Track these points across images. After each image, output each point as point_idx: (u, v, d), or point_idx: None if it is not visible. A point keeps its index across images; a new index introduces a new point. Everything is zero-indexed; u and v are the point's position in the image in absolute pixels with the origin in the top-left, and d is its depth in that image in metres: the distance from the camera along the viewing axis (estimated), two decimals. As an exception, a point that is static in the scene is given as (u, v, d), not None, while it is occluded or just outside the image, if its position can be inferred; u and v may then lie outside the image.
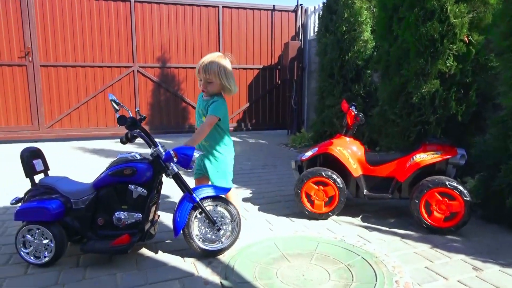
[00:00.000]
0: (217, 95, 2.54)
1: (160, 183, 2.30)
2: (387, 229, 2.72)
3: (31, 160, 2.26)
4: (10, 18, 6.52)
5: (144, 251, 2.35)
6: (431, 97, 3.40)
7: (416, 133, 3.52)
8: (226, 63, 2.53)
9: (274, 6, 8.02)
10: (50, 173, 2.41)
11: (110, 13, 7.04)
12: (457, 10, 3.26)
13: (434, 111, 3.40)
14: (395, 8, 3.61)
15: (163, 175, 2.24)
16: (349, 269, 2.11)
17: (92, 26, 6.97)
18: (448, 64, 3.33)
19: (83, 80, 7.05)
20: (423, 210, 2.61)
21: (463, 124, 3.37)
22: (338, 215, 2.96)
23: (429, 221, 2.61)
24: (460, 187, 2.52)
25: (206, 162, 2.55)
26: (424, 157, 2.69)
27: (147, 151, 2.23)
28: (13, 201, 2.25)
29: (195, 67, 2.64)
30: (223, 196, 2.29)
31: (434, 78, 3.39)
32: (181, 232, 2.19)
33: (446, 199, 2.55)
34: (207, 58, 2.52)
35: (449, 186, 2.53)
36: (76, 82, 7.03)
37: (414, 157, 2.73)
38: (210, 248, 2.25)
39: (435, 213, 2.59)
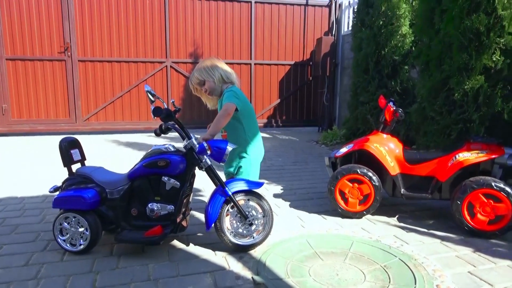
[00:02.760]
0: (225, 90, 2.49)
1: (193, 175, 2.29)
2: (426, 230, 2.59)
3: (69, 150, 2.31)
4: (51, 15, 6.77)
5: (176, 243, 2.35)
6: (474, 94, 3.22)
7: (457, 131, 3.34)
8: (206, 62, 2.53)
9: (307, 1, 7.89)
10: (86, 163, 2.46)
11: (145, 9, 7.16)
12: (505, 1, 3.06)
13: (478, 109, 3.21)
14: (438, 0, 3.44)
15: (196, 167, 2.23)
16: (386, 271, 2.02)
17: (127, 22, 7.12)
18: (494, 59, 3.13)
19: (118, 75, 7.23)
20: (466, 212, 2.47)
21: (510, 123, 3.16)
22: (373, 214, 2.86)
23: (472, 223, 2.46)
24: (508, 189, 2.36)
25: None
26: (467, 156, 2.55)
27: (181, 144, 2.23)
28: (52, 190, 2.32)
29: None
30: (256, 190, 2.25)
31: (478, 73, 3.20)
32: (213, 225, 2.17)
33: (492, 201, 2.40)
34: (191, 74, 2.57)
35: (495, 187, 2.38)
36: (112, 77, 7.21)
37: (457, 156, 2.58)
38: (241, 243, 2.22)
39: (479, 216, 2.45)
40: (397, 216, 2.87)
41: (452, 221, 2.63)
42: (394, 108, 2.85)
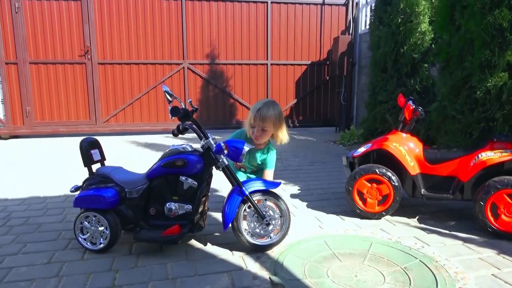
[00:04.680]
0: (268, 144, 2.74)
1: (210, 175, 2.30)
2: (447, 232, 2.53)
3: (89, 150, 2.35)
4: (72, 19, 6.93)
5: (194, 242, 2.37)
6: (497, 91, 3.13)
7: (479, 130, 3.26)
8: (279, 110, 2.66)
9: (323, 0, 7.84)
10: (106, 163, 2.50)
11: (163, 12, 7.25)
12: (530, -5, 2.96)
13: (501, 107, 3.12)
14: (458, -5, 3.36)
15: (213, 167, 2.24)
16: (406, 273, 1.98)
17: (145, 25, 7.23)
18: (518, 55, 3.04)
19: (136, 77, 7.34)
20: (489, 213, 2.40)
21: (535, 121, 3.06)
22: (392, 215, 2.81)
23: (496, 225, 2.39)
24: (534, 189, 2.28)
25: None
26: (491, 156, 2.47)
27: (199, 145, 2.24)
28: (72, 189, 2.36)
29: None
30: (273, 190, 2.24)
31: (501, 70, 3.12)
32: (230, 225, 2.17)
33: (517, 202, 2.33)
34: (263, 106, 2.57)
35: (520, 187, 2.30)
36: (130, 79, 7.33)
37: (480, 156, 2.51)
38: (259, 243, 2.21)
39: (503, 217, 2.37)
40: (417, 217, 2.81)
41: (474, 222, 2.55)
42: (414, 106, 2.79)
